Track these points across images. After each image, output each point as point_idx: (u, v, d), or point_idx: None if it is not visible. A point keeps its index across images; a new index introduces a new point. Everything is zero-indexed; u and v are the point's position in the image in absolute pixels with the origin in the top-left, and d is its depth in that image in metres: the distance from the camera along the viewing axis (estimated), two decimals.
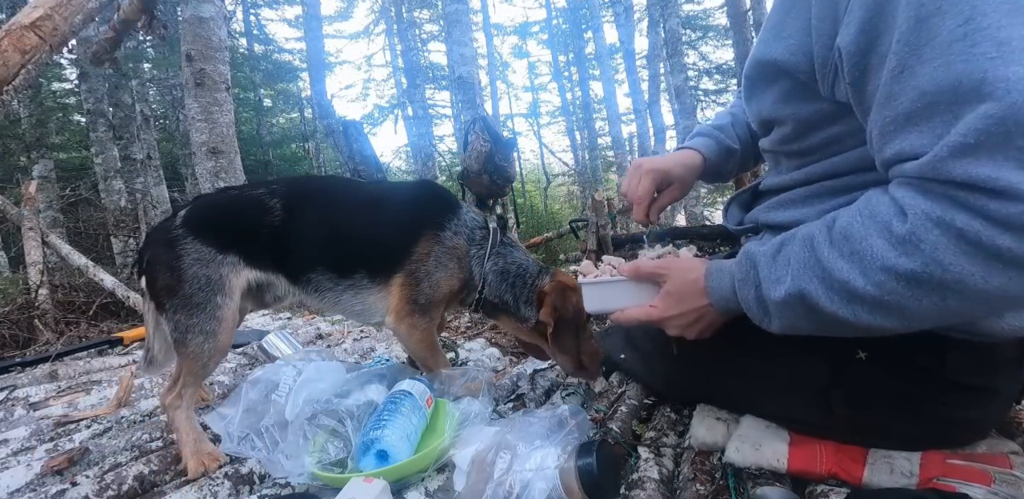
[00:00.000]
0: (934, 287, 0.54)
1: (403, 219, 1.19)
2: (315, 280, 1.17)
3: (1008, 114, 0.46)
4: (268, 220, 1.12)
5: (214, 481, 0.90)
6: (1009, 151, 0.47)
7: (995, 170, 0.48)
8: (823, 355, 0.77)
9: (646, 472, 0.83)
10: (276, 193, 1.15)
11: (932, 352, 0.70)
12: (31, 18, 2.36)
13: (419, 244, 1.15)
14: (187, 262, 1.05)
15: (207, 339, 1.04)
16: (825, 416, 0.79)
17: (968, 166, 0.49)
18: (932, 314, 0.57)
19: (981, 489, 0.69)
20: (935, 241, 0.52)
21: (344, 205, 1.20)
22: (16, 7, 5.07)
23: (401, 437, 0.89)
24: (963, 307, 0.55)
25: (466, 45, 4.92)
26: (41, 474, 0.98)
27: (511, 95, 20.99)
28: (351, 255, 1.17)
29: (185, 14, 3.61)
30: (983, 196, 0.49)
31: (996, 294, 0.53)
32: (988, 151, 0.48)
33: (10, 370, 1.74)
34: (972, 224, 0.50)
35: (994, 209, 0.49)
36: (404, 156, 17.74)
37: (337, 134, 5.28)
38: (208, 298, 1.05)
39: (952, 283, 0.53)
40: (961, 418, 0.76)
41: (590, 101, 14.40)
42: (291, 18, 13.92)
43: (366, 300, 1.18)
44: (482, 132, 3.91)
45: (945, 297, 0.54)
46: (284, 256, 1.14)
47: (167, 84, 8.76)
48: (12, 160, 7.99)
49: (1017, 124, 0.46)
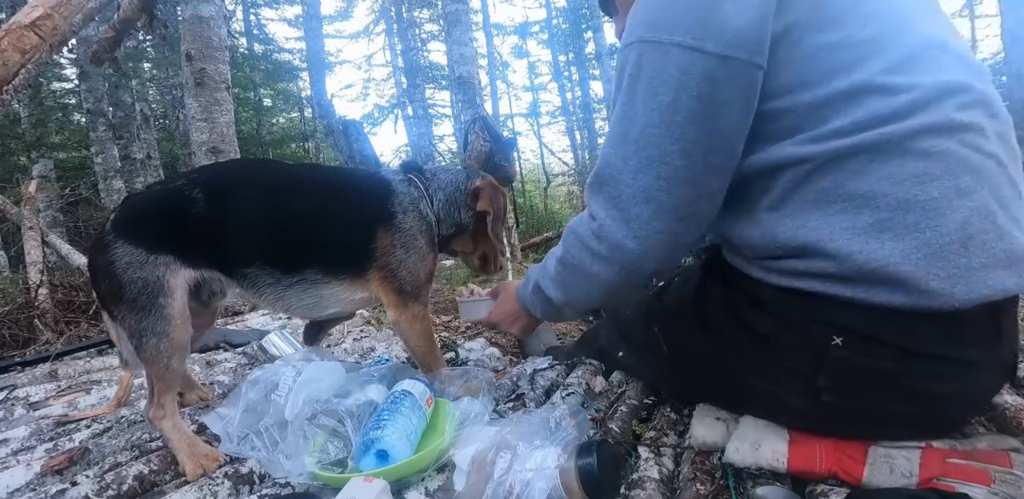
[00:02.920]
0: (573, 270, 0.92)
1: (352, 217, 1.16)
2: (253, 275, 1.12)
3: (598, 172, 0.84)
4: (192, 213, 1.06)
5: (214, 481, 0.90)
6: (599, 193, 0.84)
7: (593, 202, 0.85)
8: (804, 345, 0.79)
9: (646, 472, 0.83)
10: (197, 183, 1.09)
11: (898, 327, 0.73)
12: (31, 17, 2.36)
13: (378, 239, 1.14)
14: (120, 267, 1.01)
15: (160, 339, 1.02)
16: (815, 406, 0.80)
17: (589, 199, 0.86)
18: (581, 289, 0.93)
19: (981, 489, 0.69)
20: (571, 241, 0.90)
21: (282, 194, 1.14)
22: (16, 6, 5.06)
23: (401, 437, 0.89)
24: (589, 285, 0.91)
25: (466, 45, 4.92)
26: (41, 474, 0.98)
27: (511, 95, 20.96)
28: (298, 250, 1.13)
29: (185, 14, 3.61)
30: (590, 217, 0.86)
31: (600, 277, 0.87)
32: (593, 192, 0.85)
33: (10, 370, 1.74)
34: (585, 232, 0.86)
35: (592, 224, 0.85)
36: (404, 156, 17.75)
37: (337, 134, 5.29)
38: (151, 301, 1.01)
39: (577, 267, 0.90)
40: (944, 392, 0.76)
41: (590, 101, 14.40)
42: (291, 18, 13.93)
43: (320, 293, 1.16)
44: (482, 132, 3.91)
45: (578, 277, 0.91)
46: (217, 251, 1.09)
47: (167, 84, 8.77)
48: (12, 160, 7.99)
49: (599, 177, 0.83)
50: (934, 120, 0.71)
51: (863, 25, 0.74)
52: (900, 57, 0.73)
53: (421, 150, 11.31)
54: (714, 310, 0.92)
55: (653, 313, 1.07)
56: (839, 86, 0.72)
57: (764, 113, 0.76)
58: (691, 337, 0.96)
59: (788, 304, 0.79)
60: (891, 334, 0.73)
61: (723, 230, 0.88)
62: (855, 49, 0.73)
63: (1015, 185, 0.75)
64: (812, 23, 0.73)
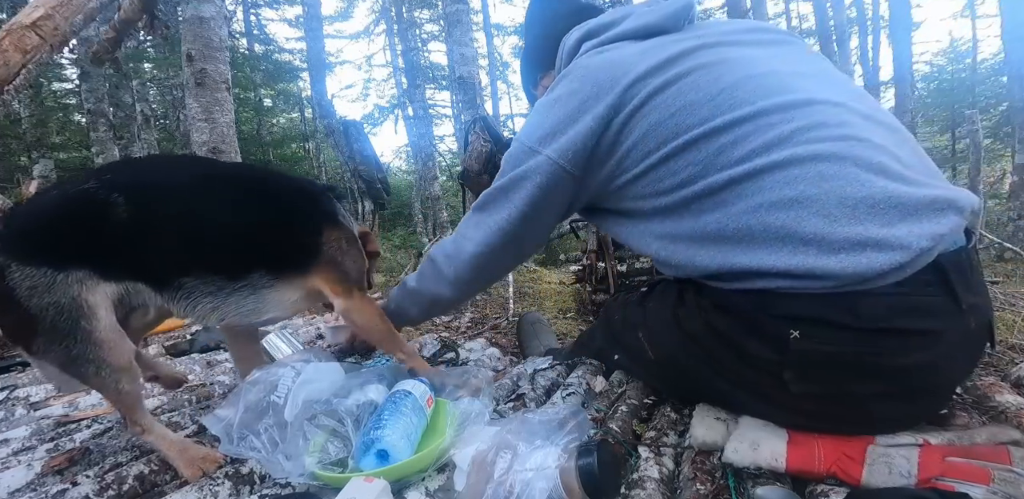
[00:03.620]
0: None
1: (299, 215, 1.12)
2: (190, 286, 1.00)
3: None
4: (112, 219, 0.91)
5: (214, 481, 0.90)
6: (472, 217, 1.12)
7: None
8: (764, 342, 0.82)
9: (646, 472, 0.83)
10: (114, 184, 0.94)
11: (843, 308, 0.76)
12: (32, 18, 2.36)
13: (325, 233, 1.12)
14: (23, 294, 0.85)
15: (100, 367, 0.90)
16: (792, 399, 0.82)
17: None
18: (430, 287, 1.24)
19: (980, 488, 0.69)
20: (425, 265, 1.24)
21: (221, 193, 1.05)
22: (17, 7, 5.07)
23: (402, 437, 0.89)
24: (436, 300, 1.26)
25: (467, 45, 4.92)
26: (41, 474, 0.98)
27: (511, 95, 20.93)
28: (246, 253, 1.05)
29: (185, 14, 3.61)
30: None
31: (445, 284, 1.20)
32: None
33: (10, 370, 1.74)
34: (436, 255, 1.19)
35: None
36: (404, 156, 17.72)
37: (337, 134, 5.28)
38: (72, 327, 0.87)
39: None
40: (908, 364, 0.77)
41: None
42: (291, 18, 13.91)
43: (263, 298, 1.07)
44: (482, 132, 3.90)
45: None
46: (146, 261, 0.96)
47: (168, 84, 8.77)
48: (12, 160, 7.99)
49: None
50: (785, 157, 0.80)
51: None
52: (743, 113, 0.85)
53: (421, 150, 11.28)
54: (688, 315, 0.95)
55: (637, 320, 1.11)
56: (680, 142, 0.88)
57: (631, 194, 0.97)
58: (672, 342, 0.99)
59: (744, 304, 0.84)
60: (838, 316, 0.76)
61: (667, 267, 0.98)
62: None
63: (894, 147, 0.82)
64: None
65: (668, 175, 0.89)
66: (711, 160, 0.85)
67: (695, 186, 0.86)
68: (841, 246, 0.75)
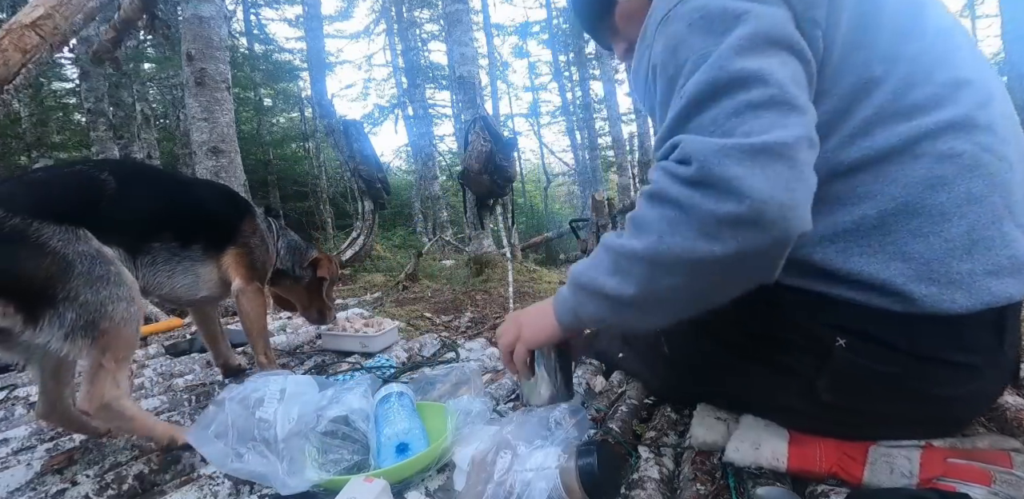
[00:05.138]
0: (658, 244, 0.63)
1: (228, 206, 1.41)
2: (156, 250, 1.21)
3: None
4: (104, 193, 1.11)
5: (214, 481, 0.90)
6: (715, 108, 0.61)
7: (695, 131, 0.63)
8: (807, 346, 0.78)
9: (646, 472, 0.83)
10: (103, 166, 1.19)
11: (902, 331, 0.72)
12: (32, 17, 2.36)
13: (245, 224, 1.39)
14: (56, 244, 0.97)
15: (129, 304, 1.01)
16: (815, 406, 0.80)
17: (680, 133, 0.64)
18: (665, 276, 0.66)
19: (981, 489, 0.69)
20: (649, 204, 0.64)
21: (169, 184, 1.35)
22: (17, 6, 5.06)
23: (414, 427, 0.92)
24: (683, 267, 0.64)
25: (466, 45, 4.92)
26: (41, 473, 0.98)
27: (511, 95, 20.93)
28: (193, 225, 1.30)
29: (185, 14, 3.61)
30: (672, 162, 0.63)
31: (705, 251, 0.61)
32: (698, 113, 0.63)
33: (10, 369, 1.74)
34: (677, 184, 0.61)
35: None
36: (404, 156, 17.75)
37: (337, 134, 5.29)
38: (106, 269, 1.01)
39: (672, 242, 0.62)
40: (947, 395, 0.76)
41: (590, 101, 14.37)
42: (291, 18, 13.90)
43: (197, 271, 1.30)
44: (482, 132, 3.91)
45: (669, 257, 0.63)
46: (125, 228, 1.14)
47: (167, 83, 8.76)
48: (12, 159, 7.99)
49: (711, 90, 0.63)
50: (952, 117, 0.69)
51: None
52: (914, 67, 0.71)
53: (421, 150, 11.29)
54: (721, 310, 0.91)
55: None
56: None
57: None
58: (693, 336, 0.95)
59: (792, 304, 0.78)
60: (894, 337, 0.72)
61: None
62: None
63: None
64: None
65: None
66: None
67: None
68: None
